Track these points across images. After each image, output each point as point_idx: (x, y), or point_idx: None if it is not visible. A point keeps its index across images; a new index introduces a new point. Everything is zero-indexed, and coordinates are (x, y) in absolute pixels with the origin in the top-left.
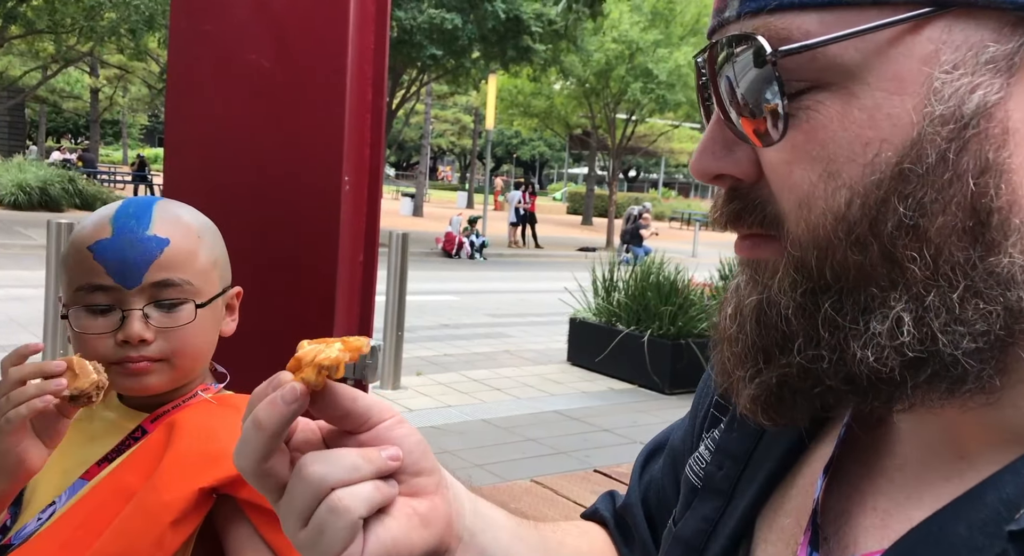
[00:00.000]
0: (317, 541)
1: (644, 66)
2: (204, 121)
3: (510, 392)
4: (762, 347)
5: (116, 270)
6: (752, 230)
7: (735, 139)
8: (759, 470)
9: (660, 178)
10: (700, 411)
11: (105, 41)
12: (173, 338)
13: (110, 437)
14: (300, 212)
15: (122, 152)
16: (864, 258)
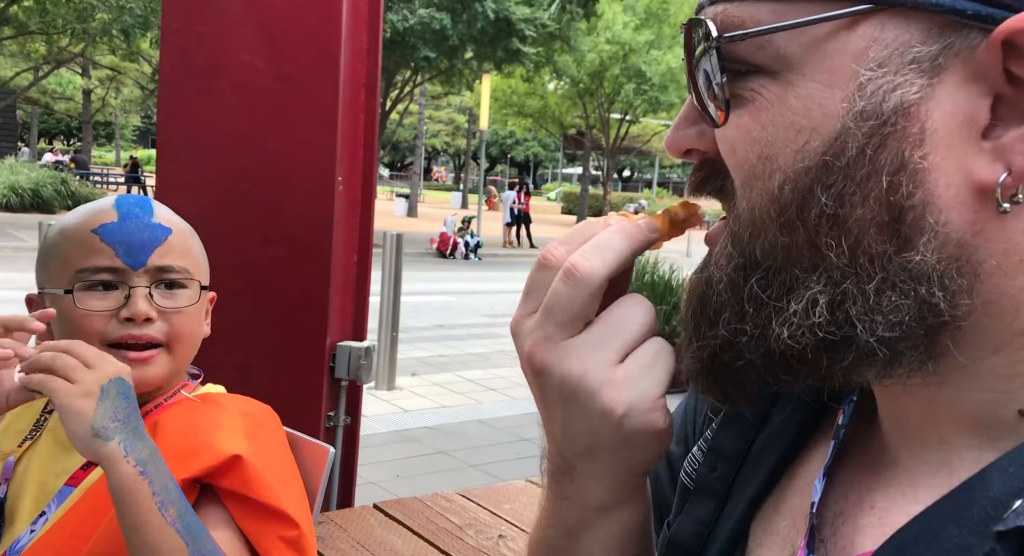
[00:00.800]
0: (645, 376)
1: (637, 67)
2: (196, 122)
3: (505, 392)
4: (697, 321)
5: (124, 251)
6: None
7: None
8: (754, 472)
9: (654, 178)
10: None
11: (97, 42)
12: (174, 321)
13: None
14: (293, 212)
15: (115, 153)
16: (791, 240)
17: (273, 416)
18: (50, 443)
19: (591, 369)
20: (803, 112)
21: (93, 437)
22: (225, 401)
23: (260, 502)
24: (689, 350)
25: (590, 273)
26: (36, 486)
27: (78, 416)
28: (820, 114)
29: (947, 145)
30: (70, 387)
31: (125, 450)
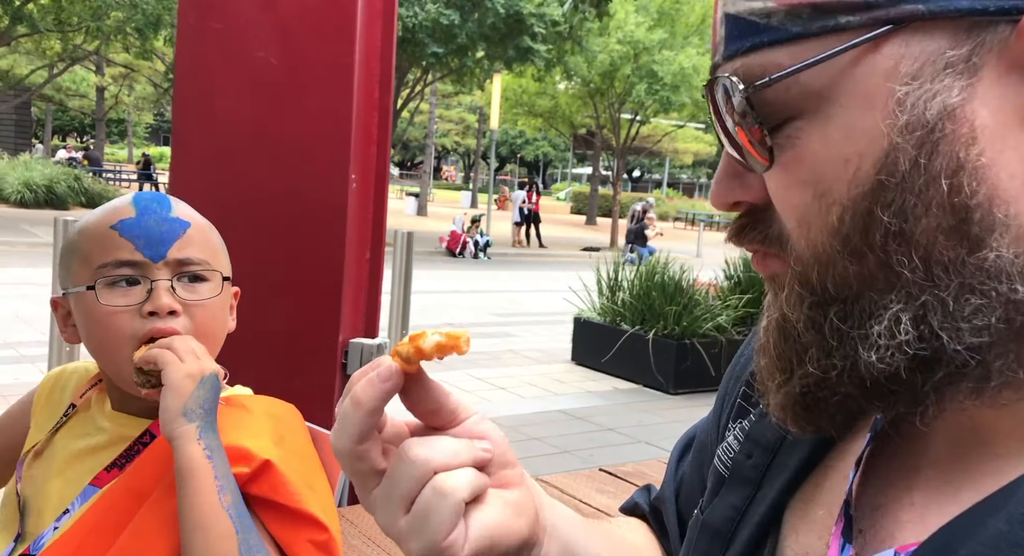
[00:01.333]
0: (423, 526)
1: (649, 67)
2: (211, 118)
3: (514, 391)
4: (786, 359)
5: (143, 244)
6: (754, 246)
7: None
8: (789, 460)
9: (664, 178)
10: (727, 402)
11: (111, 40)
12: (197, 314)
13: (116, 446)
14: (307, 210)
15: (127, 151)
16: (862, 267)
17: (297, 416)
18: (78, 444)
19: (387, 524)
20: (847, 141)
21: (181, 415)
22: (251, 404)
23: (290, 508)
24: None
25: (337, 447)
26: (62, 484)
27: (177, 392)
28: (865, 139)
29: (1002, 137)
30: (180, 365)
31: (200, 434)
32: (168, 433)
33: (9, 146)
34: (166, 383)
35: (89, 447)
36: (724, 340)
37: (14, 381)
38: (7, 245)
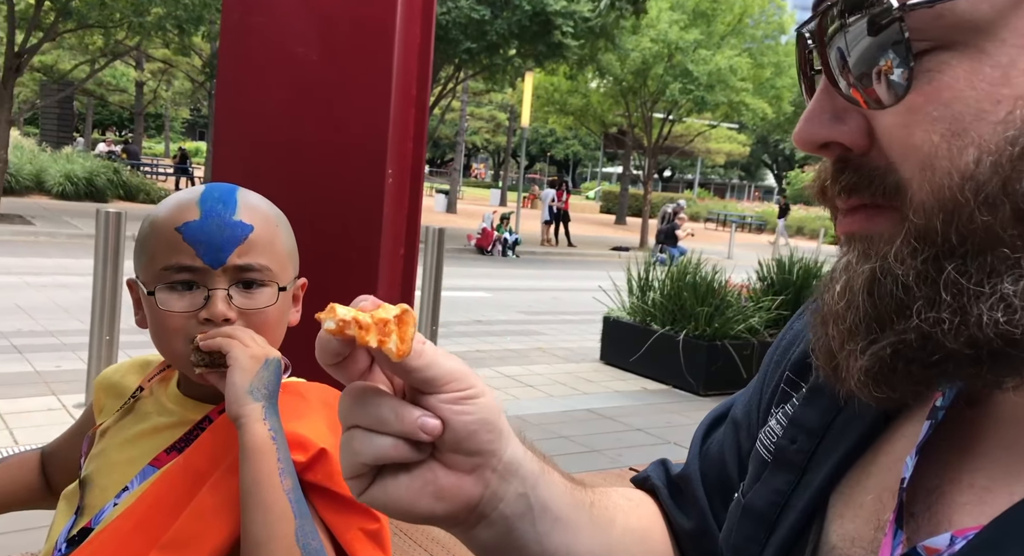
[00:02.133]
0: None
1: (683, 66)
2: (252, 113)
3: (542, 389)
4: (875, 317)
5: (204, 251)
6: (871, 200)
7: (845, 107)
8: (836, 446)
9: (696, 178)
10: (769, 384)
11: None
12: (253, 321)
13: (176, 429)
14: (344, 205)
15: (164, 145)
16: (993, 219)
17: None
18: (144, 425)
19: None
20: (1004, 81)
21: (247, 392)
22: (306, 391)
23: (343, 496)
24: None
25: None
26: (124, 462)
27: (243, 371)
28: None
29: None
30: (244, 347)
31: (265, 414)
32: (234, 411)
33: (52, 140)
34: (232, 362)
35: (152, 428)
36: (756, 342)
37: (56, 368)
38: (49, 236)
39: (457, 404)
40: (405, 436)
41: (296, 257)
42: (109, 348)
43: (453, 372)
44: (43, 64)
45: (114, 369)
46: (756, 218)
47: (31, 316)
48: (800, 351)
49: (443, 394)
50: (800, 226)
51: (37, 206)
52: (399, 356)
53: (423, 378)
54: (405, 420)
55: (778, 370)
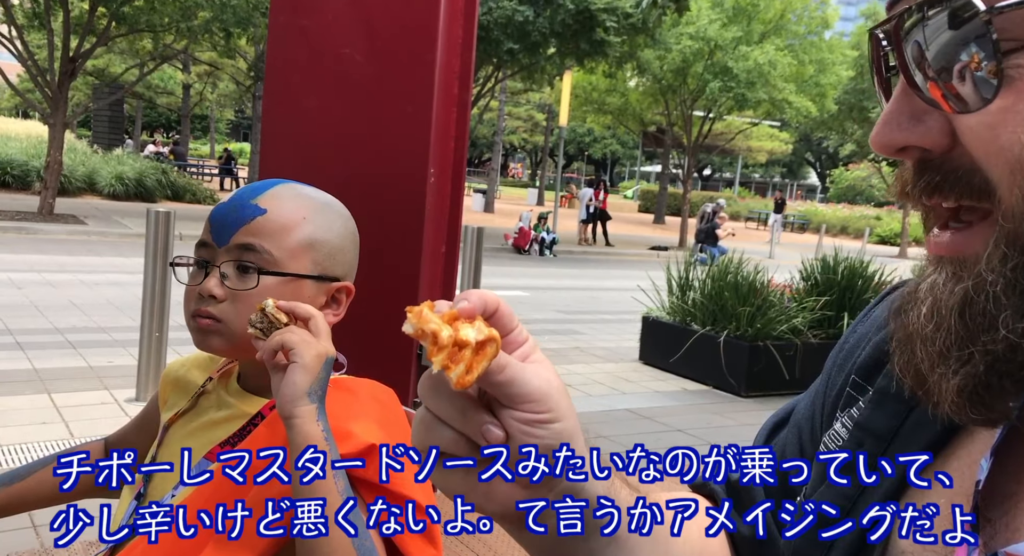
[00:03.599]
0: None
1: (723, 64)
2: (298, 113)
3: (581, 389)
4: (967, 337)
5: (214, 228)
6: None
7: (924, 109)
8: (905, 449)
9: (736, 177)
10: (833, 388)
11: (198, 39)
12: (240, 303)
13: (232, 423)
14: (387, 203)
15: (209, 146)
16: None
17: (396, 399)
18: (203, 418)
19: None
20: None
21: (306, 394)
22: (355, 386)
23: (394, 492)
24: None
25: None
26: None
27: (306, 371)
28: None
29: None
30: (314, 343)
31: (319, 415)
32: (288, 411)
33: (103, 142)
34: (297, 359)
35: (210, 422)
36: (799, 343)
37: (108, 363)
38: (100, 235)
39: (529, 425)
40: (467, 435)
41: (331, 256)
42: (159, 344)
43: (533, 393)
44: (95, 68)
45: (180, 363)
46: (799, 217)
47: (85, 313)
48: (866, 354)
49: (517, 412)
50: (844, 225)
51: (89, 206)
52: (457, 386)
53: (501, 393)
54: (470, 421)
55: (842, 373)
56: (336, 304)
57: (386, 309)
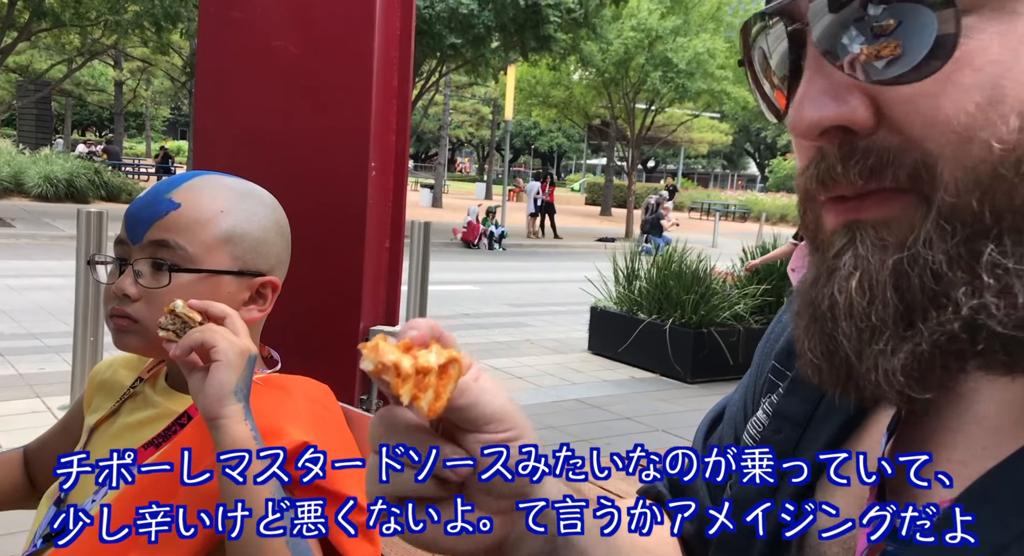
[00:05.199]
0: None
1: (663, 55)
2: (232, 107)
3: (531, 381)
4: (904, 312)
5: (129, 224)
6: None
7: (844, 86)
8: (819, 434)
9: (679, 169)
10: (760, 375)
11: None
12: (154, 301)
13: (158, 422)
14: (327, 198)
15: (145, 144)
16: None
17: (332, 396)
18: (129, 419)
19: None
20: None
21: (232, 393)
22: (288, 384)
23: (330, 490)
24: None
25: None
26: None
27: (231, 369)
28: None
29: None
30: (235, 339)
31: (246, 414)
32: (214, 411)
33: (30, 141)
34: (219, 357)
35: (136, 422)
36: (742, 329)
37: (39, 370)
38: (30, 238)
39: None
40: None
41: (252, 250)
42: (94, 349)
43: (496, 413)
44: (18, 64)
45: (107, 364)
46: (740, 206)
47: (13, 319)
48: (785, 340)
49: (482, 435)
50: (783, 214)
51: (16, 208)
52: (429, 416)
53: (463, 417)
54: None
55: (767, 361)
56: (261, 299)
57: (329, 305)
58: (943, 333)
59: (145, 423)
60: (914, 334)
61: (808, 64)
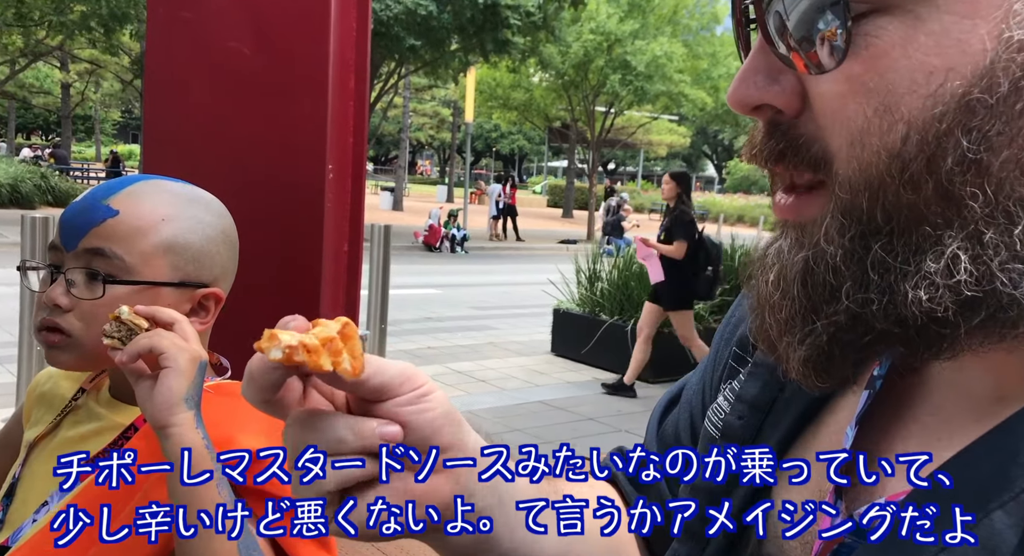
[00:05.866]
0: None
1: (622, 58)
2: (183, 110)
3: (495, 383)
4: (810, 309)
5: (63, 230)
6: (798, 170)
7: (780, 67)
8: (781, 420)
9: (639, 170)
10: (719, 361)
11: (75, 35)
12: (88, 313)
13: (103, 436)
14: (284, 202)
15: (95, 148)
16: (917, 197)
17: None
18: (71, 432)
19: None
20: (936, 51)
21: (183, 400)
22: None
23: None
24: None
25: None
26: (46, 475)
27: (181, 376)
28: (958, 50)
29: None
30: (186, 345)
31: (197, 422)
32: (164, 419)
33: None
34: (169, 363)
35: (78, 436)
36: (702, 328)
37: None
38: None
39: (415, 404)
40: (366, 451)
41: (195, 261)
42: (40, 360)
43: (403, 373)
44: None
45: (46, 375)
46: (698, 207)
47: None
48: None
49: (400, 397)
50: (741, 214)
51: None
52: (356, 374)
53: (375, 386)
54: (364, 434)
55: (727, 347)
56: (203, 311)
57: (286, 310)
58: (833, 324)
59: (88, 437)
60: (815, 328)
61: (757, 41)
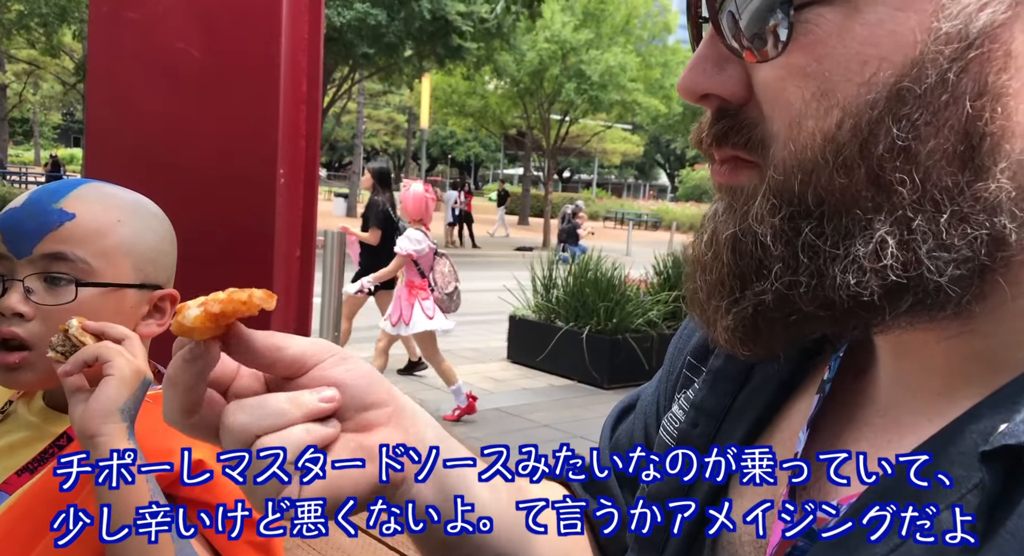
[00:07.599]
0: (252, 488)
1: (577, 67)
2: (128, 114)
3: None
4: (738, 275)
5: (10, 238)
6: (736, 151)
7: (727, 57)
8: (735, 427)
9: (594, 178)
10: (673, 372)
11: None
12: (53, 320)
13: (34, 446)
14: (234, 207)
15: (34, 152)
16: (849, 181)
17: None
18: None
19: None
20: (871, 41)
21: (118, 411)
22: None
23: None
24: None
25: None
26: None
27: (123, 385)
28: (892, 41)
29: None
30: (131, 358)
31: (129, 435)
32: (95, 428)
33: None
34: (112, 372)
35: (7, 447)
36: (656, 335)
37: None
38: None
39: (341, 365)
40: (310, 417)
41: (153, 262)
42: None
43: (317, 342)
44: None
45: None
46: (652, 216)
47: None
48: (700, 336)
49: (323, 362)
50: (693, 223)
51: None
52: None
53: (295, 355)
54: (301, 401)
55: (681, 356)
56: (159, 313)
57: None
58: (759, 302)
59: (18, 447)
60: (742, 297)
61: (708, 31)
